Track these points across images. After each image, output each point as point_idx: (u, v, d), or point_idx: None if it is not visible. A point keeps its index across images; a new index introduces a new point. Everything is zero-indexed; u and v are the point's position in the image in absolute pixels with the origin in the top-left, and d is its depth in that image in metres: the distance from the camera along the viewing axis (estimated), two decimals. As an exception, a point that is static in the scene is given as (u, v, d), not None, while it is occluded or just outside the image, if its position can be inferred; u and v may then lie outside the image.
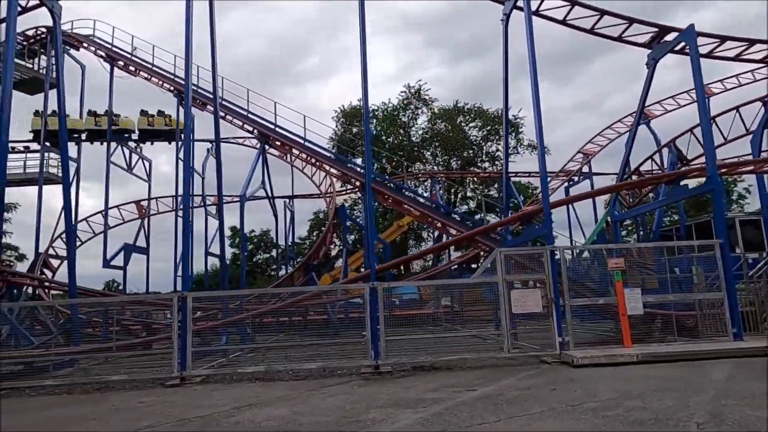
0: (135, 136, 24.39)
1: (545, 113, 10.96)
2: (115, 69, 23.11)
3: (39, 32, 26.04)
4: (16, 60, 26.56)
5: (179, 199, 26.95)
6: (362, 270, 24.14)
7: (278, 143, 19.44)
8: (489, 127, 37.84)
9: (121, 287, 24.63)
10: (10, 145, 27.87)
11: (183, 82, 20.90)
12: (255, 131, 19.46)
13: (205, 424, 5.84)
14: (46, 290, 16.75)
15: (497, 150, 37.76)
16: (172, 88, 21.04)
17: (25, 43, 26.36)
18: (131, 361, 11.13)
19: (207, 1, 15.13)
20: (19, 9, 11.72)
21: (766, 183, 16.68)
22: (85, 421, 6.38)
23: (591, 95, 75.34)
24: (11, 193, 30.51)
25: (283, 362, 9.52)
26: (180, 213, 24.90)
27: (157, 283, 24.77)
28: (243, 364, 9.38)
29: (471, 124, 39.55)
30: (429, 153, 39.43)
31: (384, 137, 37.92)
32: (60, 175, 26.55)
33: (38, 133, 22.95)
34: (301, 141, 18.80)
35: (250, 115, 19.70)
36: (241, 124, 20.17)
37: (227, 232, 47.83)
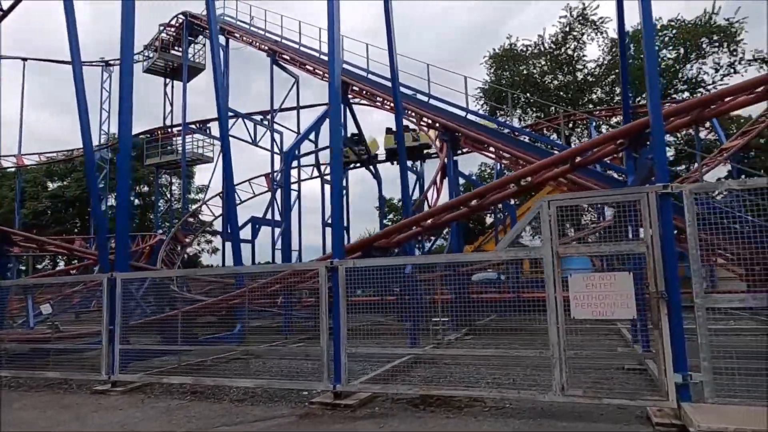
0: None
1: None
2: (231, 41, 22.75)
3: (179, 22, 27.48)
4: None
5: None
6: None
7: (360, 92, 16.16)
8: (689, 42, 27.67)
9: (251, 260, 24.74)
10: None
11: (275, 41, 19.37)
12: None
13: None
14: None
15: (700, 72, 27.72)
16: (266, 48, 19.59)
17: (171, 33, 28.28)
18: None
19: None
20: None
21: None
22: None
23: None
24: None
25: (215, 376, 6.69)
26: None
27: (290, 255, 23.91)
28: (170, 374, 6.84)
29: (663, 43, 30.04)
30: (602, 91, 31.11)
31: (539, 79, 31.10)
32: (206, 155, 28.67)
33: (392, 151, 20.85)
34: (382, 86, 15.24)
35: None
36: (321, 75, 17.52)
37: (375, 202, 47.71)
